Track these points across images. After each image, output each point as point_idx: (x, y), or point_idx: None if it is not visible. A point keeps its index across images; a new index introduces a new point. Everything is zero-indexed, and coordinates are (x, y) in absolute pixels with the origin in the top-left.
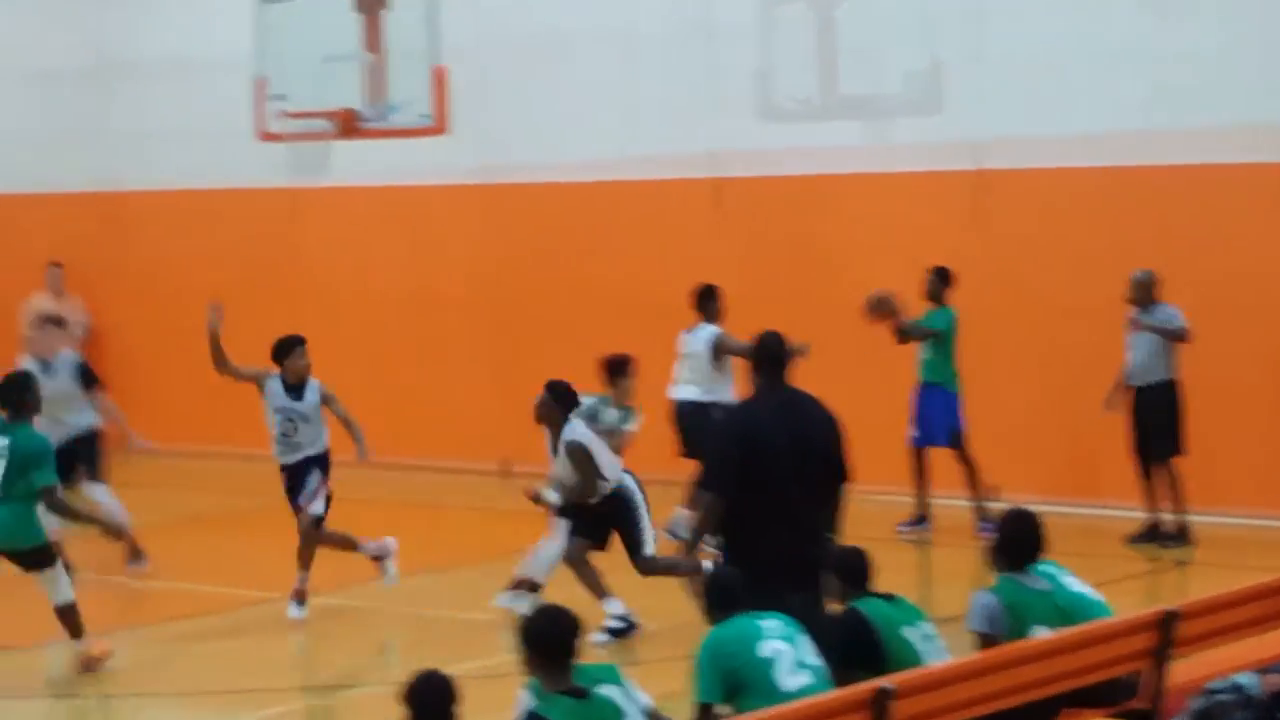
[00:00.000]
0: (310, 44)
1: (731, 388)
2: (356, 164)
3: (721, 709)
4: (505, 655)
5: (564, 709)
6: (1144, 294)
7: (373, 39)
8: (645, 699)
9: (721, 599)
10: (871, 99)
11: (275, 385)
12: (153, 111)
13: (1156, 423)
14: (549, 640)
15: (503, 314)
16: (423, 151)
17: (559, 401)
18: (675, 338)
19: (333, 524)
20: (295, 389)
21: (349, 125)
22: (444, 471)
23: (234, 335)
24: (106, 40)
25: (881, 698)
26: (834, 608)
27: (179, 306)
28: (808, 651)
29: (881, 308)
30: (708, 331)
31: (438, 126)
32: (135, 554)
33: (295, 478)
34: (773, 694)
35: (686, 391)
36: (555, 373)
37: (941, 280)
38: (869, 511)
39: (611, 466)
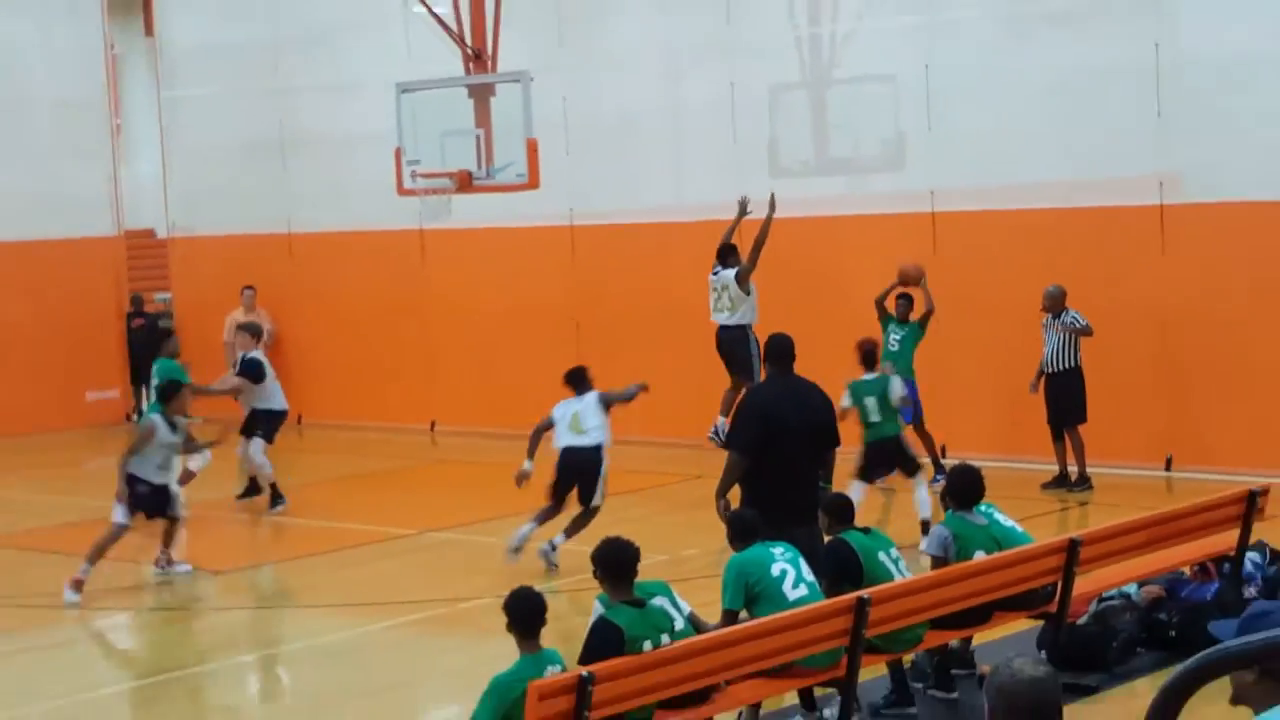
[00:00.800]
0: (436, 122)
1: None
2: (471, 212)
3: (742, 614)
4: (583, 576)
5: (627, 615)
6: (1055, 303)
7: (482, 118)
8: (687, 607)
9: (743, 531)
10: (852, 159)
11: None
12: (319, 172)
13: (1066, 399)
14: (615, 563)
15: (581, 325)
16: (520, 202)
17: (569, 381)
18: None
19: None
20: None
21: (465, 182)
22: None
23: (376, 343)
24: (288, 118)
25: (861, 605)
26: (825, 539)
27: (339, 318)
28: (806, 571)
29: (912, 275)
30: None
31: (531, 183)
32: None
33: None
34: (781, 603)
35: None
36: (622, 371)
37: (907, 304)
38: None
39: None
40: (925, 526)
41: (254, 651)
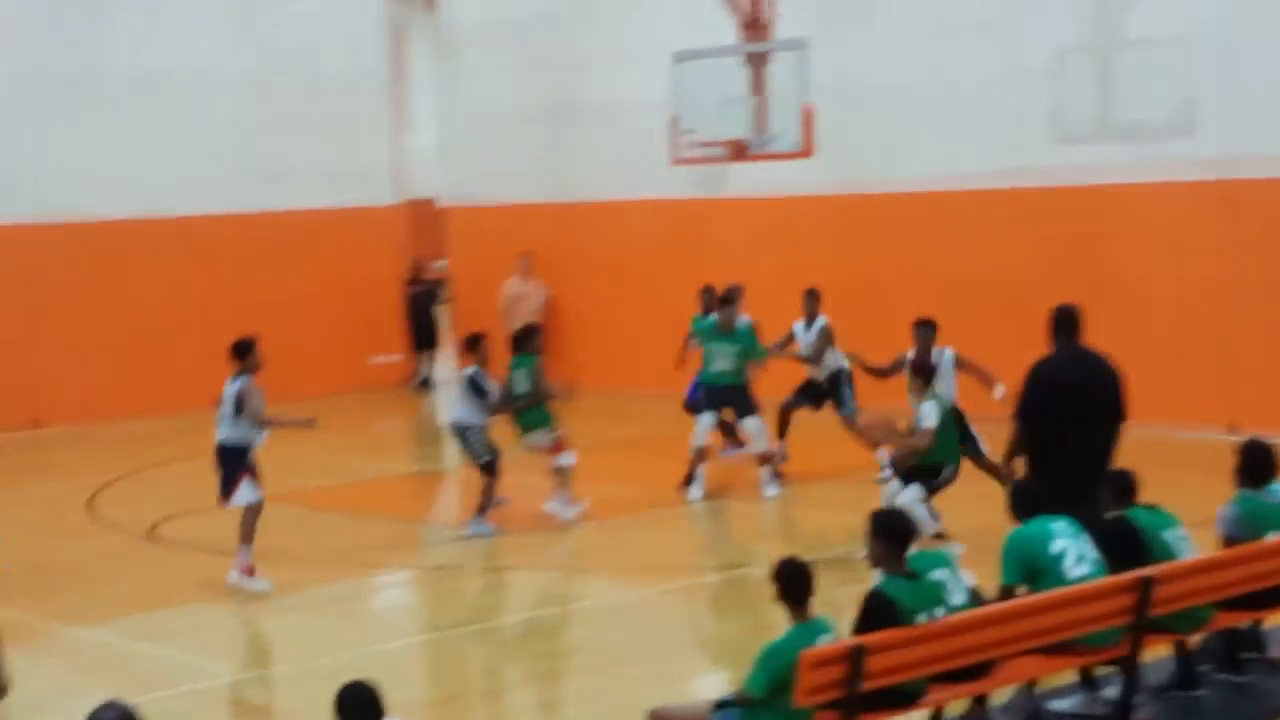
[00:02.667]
0: (711, 90)
1: None
2: (745, 181)
3: (1020, 589)
4: (850, 546)
5: (899, 587)
6: None
7: (757, 85)
8: (970, 580)
9: (1024, 504)
10: (1139, 125)
11: None
12: (595, 142)
13: None
14: (889, 533)
15: (854, 296)
16: (795, 171)
17: None
18: (988, 318)
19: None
20: None
21: (739, 151)
22: None
23: (654, 310)
24: (565, 90)
25: (1146, 583)
26: (1109, 516)
27: (612, 286)
28: (1088, 547)
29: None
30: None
31: (806, 151)
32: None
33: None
34: (1061, 579)
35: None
36: (893, 341)
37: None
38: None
39: None
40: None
41: (532, 610)
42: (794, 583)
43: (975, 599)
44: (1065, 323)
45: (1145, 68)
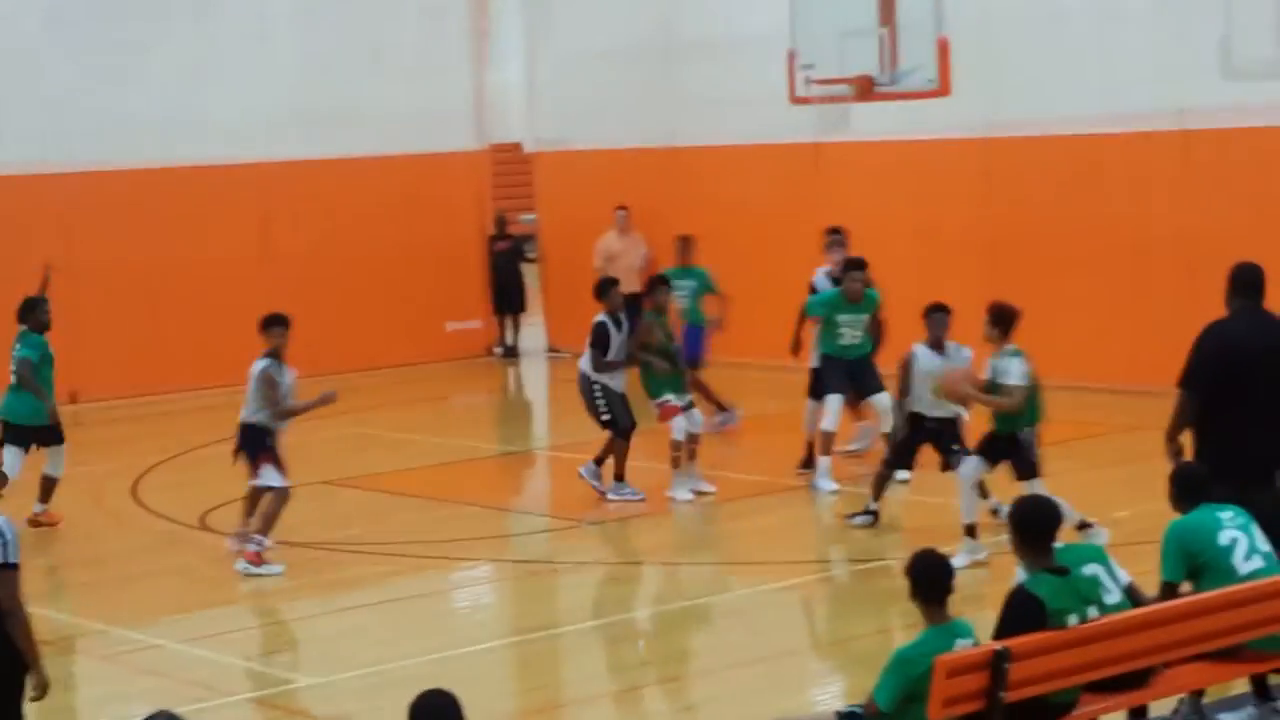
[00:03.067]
0: (833, 21)
1: None
2: (872, 122)
3: (1184, 587)
4: (996, 538)
5: (1047, 585)
6: None
7: (886, 14)
8: (1126, 576)
9: (1187, 490)
10: None
11: None
12: (703, 81)
13: None
14: (1033, 525)
15: (994, 249)
16: (929, 110)
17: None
18: (1150, 275)
19: None
20: None
21: (866, 89)
22: None
23: (766, 265)
24: (669, 22)
25: None
26: None
27: (722, 243)
28: (1261, 540)
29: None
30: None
31: (942, 89)
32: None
33: None
34: (1230, 576)
35: None
36: (1042, 303)
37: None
38: None
39: None
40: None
41: (629, 611)
42: (930, 579)
43: (1132, 598)
44: (1245, 282)
45: None
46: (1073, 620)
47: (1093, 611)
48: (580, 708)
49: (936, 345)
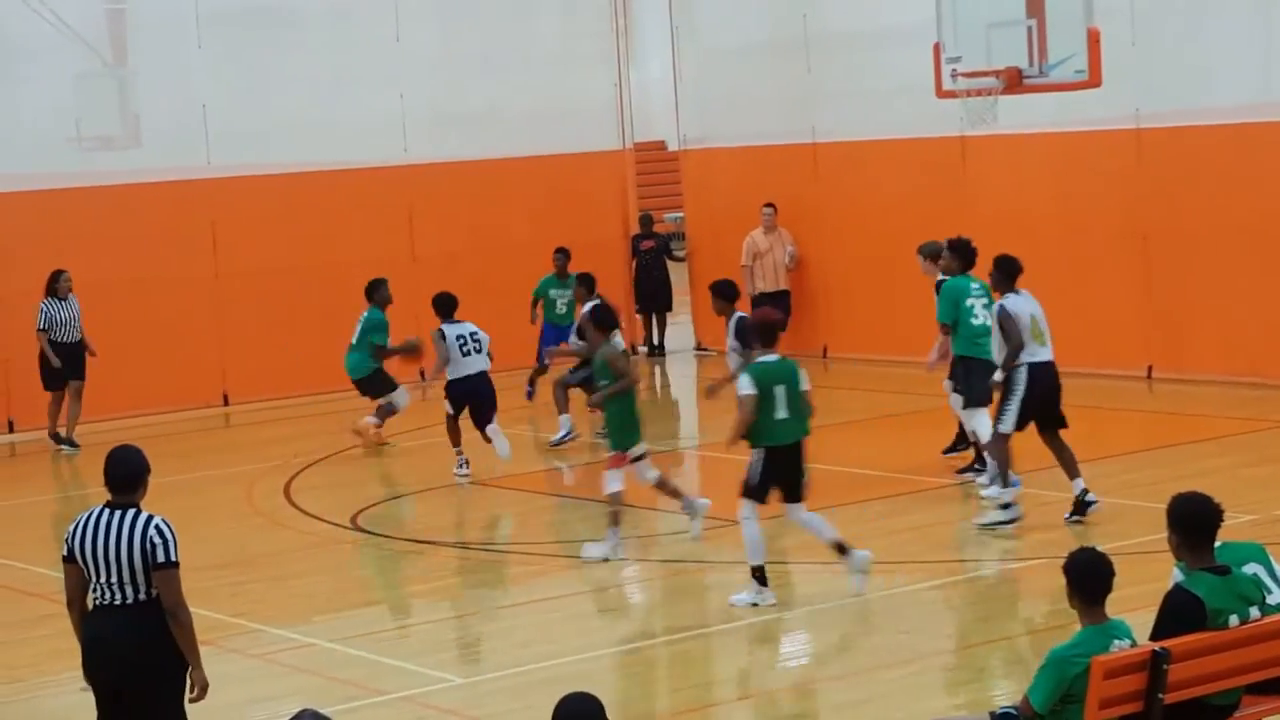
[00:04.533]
0: (980, 12)
1: None
2: (1020, 115)
3: None
4: (1150, 536)
5: (1207, 584)
6: None
7: (1034, 5)
8: None
9: None
10: None
11: None
12: (848, 74)
13: None
14: (1194, 522)
15: (1147, 242)
16: (1079, 103)
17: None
18: None
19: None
20: None
21: (1014, 81)
22: (1093, 376)
23: (911, 261)
24: (812, 16)
25: None
26: None
27: (867, 239)
28: None
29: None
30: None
31: (1092, 80)
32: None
33: None
34: None
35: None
36: (1196, 295)
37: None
38: None
39: None
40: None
41: (776, 611)
42: (1090, 577)
43: None
44: None
45: None
46: (1233, 621)
47: (1254, 612)
48: (726, 709)
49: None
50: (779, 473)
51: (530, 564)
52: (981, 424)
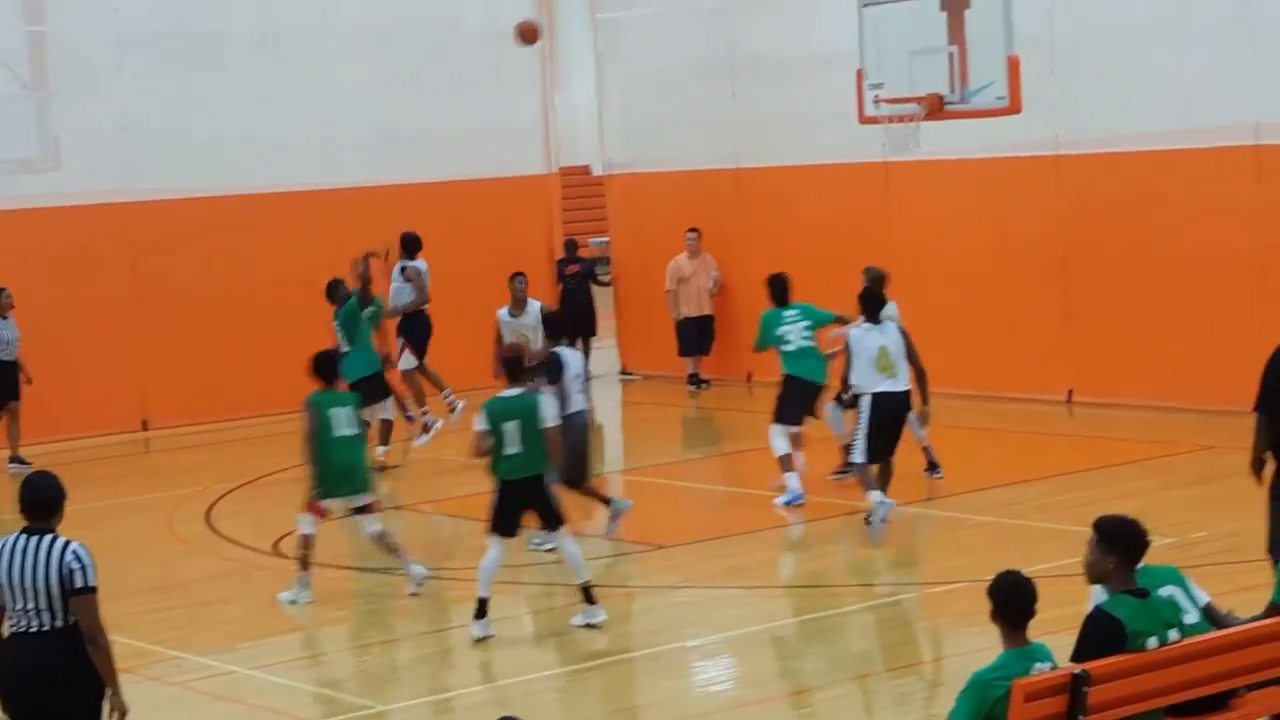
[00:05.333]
0: (902, 39)
1: None
2: (942, 141)
3: None
4: (1072, 559)
5: (1127, 606)
6: None
7: (955, 33)
8: (1204, 597)
9: None
10: None
11: None
12: (771, 100)
13: None
14: (1129, 544)
15: (1066, 267)
16: (999, 129)
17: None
18: (1219, 294)
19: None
20: None
21: (936, 107)
22: (1014, 401)
23: (834, 286)
24: (737, 42)
25: None
26: None
27: (791, 264)
28: None
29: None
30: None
31: (1013, 107)
32: None
33: None
34: None
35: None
36: (1118, 323)
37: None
38: None
39: None
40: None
41: (700, 636)
42: (1013, 600)
43: (1211, 618)
44: None
45: None
46: (1152, 643)
47: (1173, 634)
48: None
49: None
50: (517, 505)
51: (456, 589)
52: (775, 439)
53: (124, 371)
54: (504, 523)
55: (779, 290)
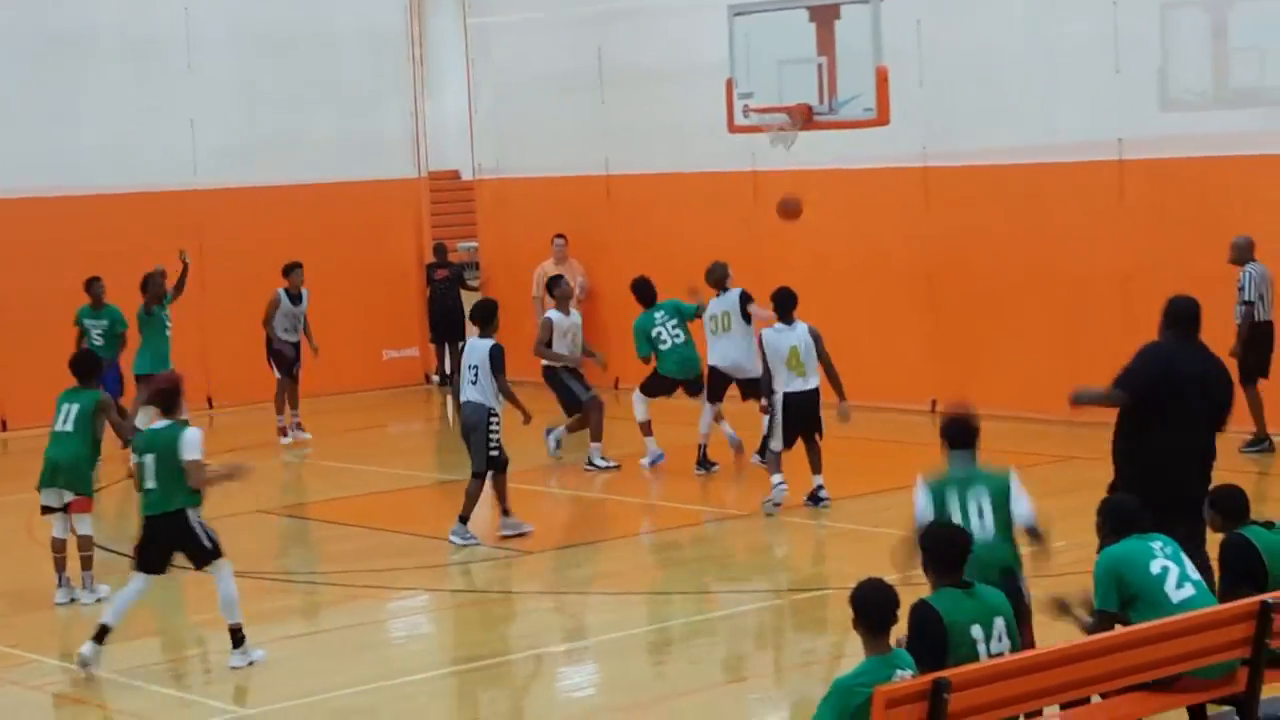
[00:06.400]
0: (772, 50)
1: None
2: (811, 151)
3: (1118, 616)
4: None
5: (948, 597)
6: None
7: (825, 45)
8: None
9: (1120, 522)
10: (1259, 90)
11: None
12: (640, 108)
13: None
14: (943, 551)
15: (934, 281)
16: (867, 140)
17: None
18: (1083, 307)
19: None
20: None
21: (805, 118)
22: (881, 410)
23: (704, 293)
24: (607, 51)
25: (1265, 610)
26: (1229, 534)
27: (658, 271)
28: (1191, 569)
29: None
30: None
31: (880, 119)
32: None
33: None
34: (1162, 604)
35: None
36: (983, 335)
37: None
38: None
39: None
40: None
41: (570, 641)
42: (874, 608)
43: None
44: (1178, 314)
45: (1265, 25)
46: (976, 630)
47: (999, 621)
48: None
49: None
50: (157, 541)
51: (320, 594)
52: (637, 405)
53: None
54: (146, 559)
55: (644, 293)
